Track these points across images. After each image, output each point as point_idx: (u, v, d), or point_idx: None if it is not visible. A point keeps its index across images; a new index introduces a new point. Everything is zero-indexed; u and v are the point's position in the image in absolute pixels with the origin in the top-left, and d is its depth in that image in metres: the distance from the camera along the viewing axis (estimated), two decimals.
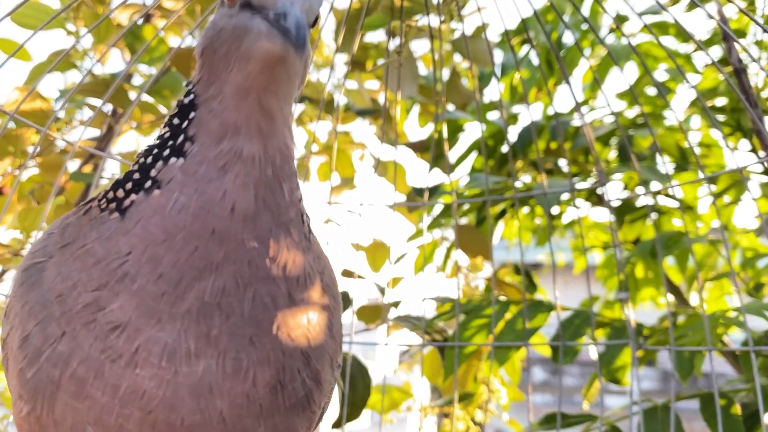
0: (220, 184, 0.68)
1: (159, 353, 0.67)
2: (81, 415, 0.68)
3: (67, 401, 0.68)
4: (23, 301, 0.73)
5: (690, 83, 1.51)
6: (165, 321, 0.67)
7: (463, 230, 1.92)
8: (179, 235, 0.67)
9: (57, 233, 0.75)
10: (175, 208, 0.68)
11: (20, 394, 0.71)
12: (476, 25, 1.73)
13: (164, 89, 1.78)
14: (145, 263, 0.67)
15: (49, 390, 0.69)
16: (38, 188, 1.78)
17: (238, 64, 0.68)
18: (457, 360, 1.60)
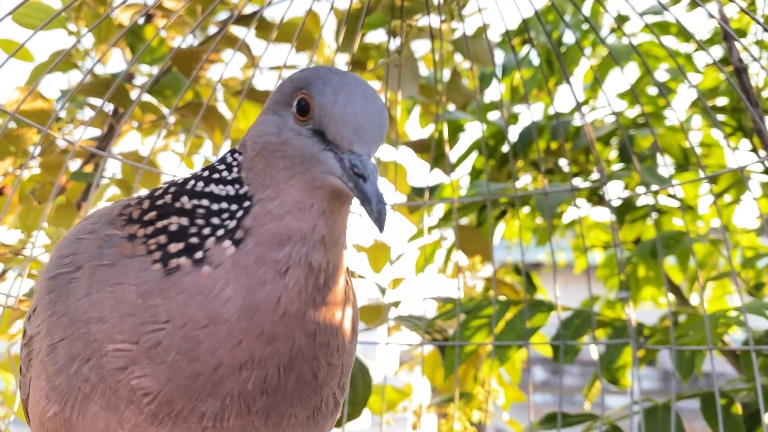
0: (274, 289, 0.69)
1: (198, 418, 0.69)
2: (113, 423, 0.71)
3: (98, 411, 0.71)
4: (50, 311, 0.74)
5: (691, 83, 1.51)
6: (204, 397, 0.69)
7: (464, 231, 1.92)
8: (223, 327, 0.68)
9: (92, 243, 0.74)
10: (221, 297, 0.68)
11: (47, 395, 0.73)
12: (477, 25, 1.73)
13: (165, 89, 1.78)
14: (181, 340, 0.68)
15: (80, 398, 0.71)
16: (39, 188, 1.78)
17: (302, 183, 0.70)
18: (458, 359, 1.60)
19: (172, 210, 0.74)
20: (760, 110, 1.64)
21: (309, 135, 0.70)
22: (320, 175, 0.69)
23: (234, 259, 0.69)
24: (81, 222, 0.80)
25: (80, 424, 0.72)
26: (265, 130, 0.74)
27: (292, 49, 1.64)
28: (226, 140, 1.71)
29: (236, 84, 1.98)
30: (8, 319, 1.47)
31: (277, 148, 0.72)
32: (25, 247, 1.63)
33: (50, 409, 0.73)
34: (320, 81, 0.71)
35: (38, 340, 0.75)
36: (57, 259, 0.76)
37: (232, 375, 0.68)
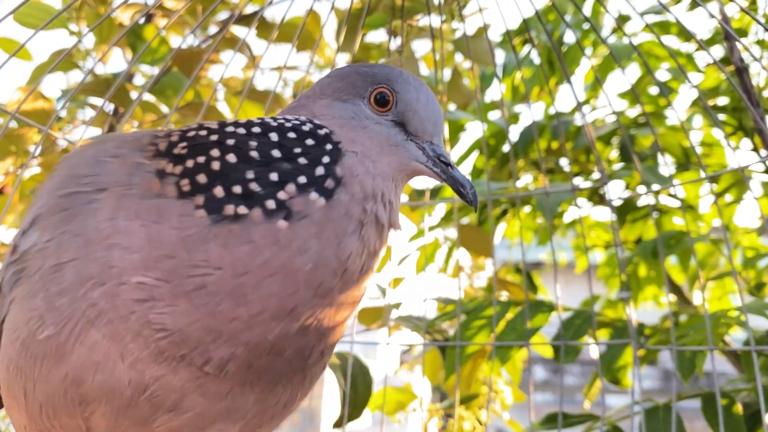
0: (349, 244, 0.69)
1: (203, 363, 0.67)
2: (114, 354, 0.67)
3: (99, 338, 0.67)
4: (62, 229, 0.70)
5: (692, 82, 1.51)
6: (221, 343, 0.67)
7: (466, 230, 1.91)
8: (290, 277, 0.66)
9: (119, 168, 0.71)
10: (299, 250, 0.66)
11: (42, 316, 0.69)
12: (478, 25, 1.73)
13: (166, 89, 1.78)
14: (232, 287, 0.65)
15: (81, 323, 0.67)
16: (39, 187, 1.78)
17: (389, 162, 0.76)
18: (459, 360, 1.59)
19: (208, 144, 0.71)
20: (761, 110, 1.64)
21: (390, 125, 0.78)
22: (406, 161, 0.77)
23: (324, 212, 0.68)
24: (96, 144, 0.76)
25: (75, 351, 0.68)
26: (339, 113, 0.78)
27: (293, 49, 1.64)
28: None
29: (237, 84, 1.98)
30: None
31: (360, 129, 0.77)
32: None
33: (43, 331, 0.68)
34: (401, 79, 0.80)
35: (39, 257, 0.70)
36: (71, 178, 0.72)
37: (263, 323, 0.66)
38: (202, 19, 1.62)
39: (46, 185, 0.76)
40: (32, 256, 0.72)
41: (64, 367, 0.69)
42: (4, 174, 1.71)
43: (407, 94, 0.79)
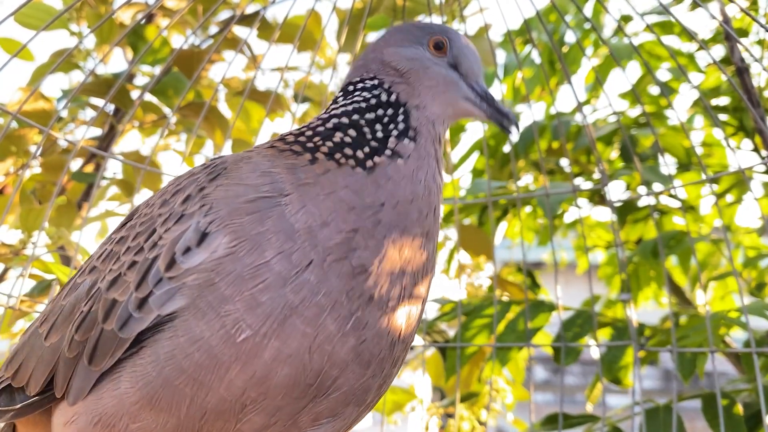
0: (434, 172, 0.90)
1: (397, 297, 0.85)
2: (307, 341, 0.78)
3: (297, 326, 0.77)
4: (257, 230, 0.79)
5: (692, 83, 1.51)
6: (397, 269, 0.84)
7: (466, 230, 1.92)
8: (417, 202, 0.87)
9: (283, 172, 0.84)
10: (416, 178, 0.88)
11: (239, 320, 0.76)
12: (478, 25, 1.73)
13: (167, 89, 1.78)
14: (394, 215, 0.84)
15: (282, 314, 0.77)
16: (40, 188, 1.78)
17: (443, 101, 0.94)
18: (459, 361, 1.60)
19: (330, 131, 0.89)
20: (762, 110, 1.64)
21: (446, 66, 0.95)
22: (458, 97, 0.95)
23: (416, 152, 0.89)
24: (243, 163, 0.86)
25: (269, 348, 0.76)
26: (407, 55, 0.95)
27: (294, 49, 1.64)
28: (227, 140, 1.71)
29: (238, 84, 1.98)
30: (9, 319, 1.47)
31: (422, 71, 0.94)
32: (26, 247, 1.63)
33: (241, 334, 0.75)
34: (452, 31, 0.98)
35: (228, 262, 0.77)
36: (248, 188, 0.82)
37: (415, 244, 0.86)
38: (204, 20, 1.62)
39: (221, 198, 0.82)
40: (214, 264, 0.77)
41: (253, 367, 0.76)
42: (4, 174, 1.71)
43: (459, 41, 0.96)
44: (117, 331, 0.79)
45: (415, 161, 0.89)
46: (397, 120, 0.91)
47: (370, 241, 0.82)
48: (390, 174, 0.86)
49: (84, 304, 0.85)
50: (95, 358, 0.81)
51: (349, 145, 0.88)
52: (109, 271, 0.84)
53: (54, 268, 1.50)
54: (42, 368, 0.87)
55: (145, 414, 0.78)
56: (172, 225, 0.81)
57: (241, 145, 1.93)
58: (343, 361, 0.80)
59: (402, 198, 0.86)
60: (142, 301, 0.79)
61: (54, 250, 1.62)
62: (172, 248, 0.79)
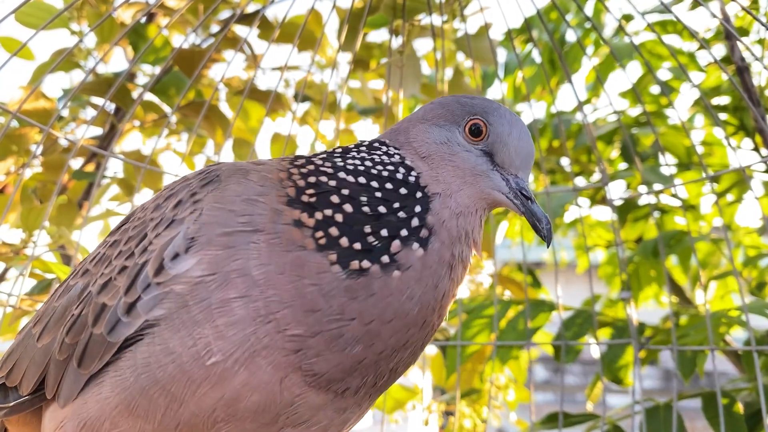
0: (443, 285, 0.79)
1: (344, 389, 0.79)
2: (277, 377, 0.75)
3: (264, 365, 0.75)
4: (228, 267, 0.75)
5: (693, 82, 1.51)
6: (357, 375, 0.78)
7: None
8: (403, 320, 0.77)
9: (265, 211, 0.78)
10: (408, 297, 0.76)
11: (211, 344, 0.74)
12: (479, 24, 1.73)
13: (168, 88, 1.78)
14: (363, 334, 0.76)
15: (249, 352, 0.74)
16: (40, 187, 1.79)
17: (471, 192, 0.83)
18: (459, 359, 1.60)
19: (329, 192, 0.80)
20: (762, 109, 1.64)
21: (479, 154, 0.84)
22: (488, 190, 0.83)
23: (423, 261, 0.77)
24: (240, 176, 0.82)
25: (238, 375, 0.74)
26: (434, 138, 0.85)
27: (294, 48, 1.64)
28: (227, 139, 1.71)
29: (238, 83, 1.98)
30: (9, 319, 1.47)
31: (447, 157, 0.84)
32: (26, 246, 1.64)
33: (210, 357, 0.74)
34: (497, 113, 0.85)
35: (202, 289, 0.75)
36: (229, 214, 0.78)
37: (386, 358, 0.78)
38: (204, 18, 1.62)
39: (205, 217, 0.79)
40: (190, 286, 0.76)
41: (222, 389, 0.75)
42: (5, 173, 1.71)
43: (500, 127, 0.85)
44: (106, 335, 0.79)
45: (417, 274, 0.77)
46: (413, 211, 0.79)
47: (325, 349, 0.75)
48: (375, 290, 0.75)
49: (75, 307, 0.85)
50: (84, 362, 0.81)
51: (340, 226, 0.77)
52: (101, 275, 0.84)
53: (54, 268, 1.50)
54: (34, 369, 0.87)
55: (123, 420, 0.78)
56: (162, 230, 0.80)
57: (241, 144, 1.93)
58: (316, 405, 0.78)
59: (380, 318, 0.76)
60: (130, 306, 0.78)
61: (54, 249, 1.62)
62: (161, 254, 0.78)
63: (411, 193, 0.81)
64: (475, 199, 0.83)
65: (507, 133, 0.85)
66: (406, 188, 0.81)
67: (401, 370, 0.84)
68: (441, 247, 0.79)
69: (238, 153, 1.92)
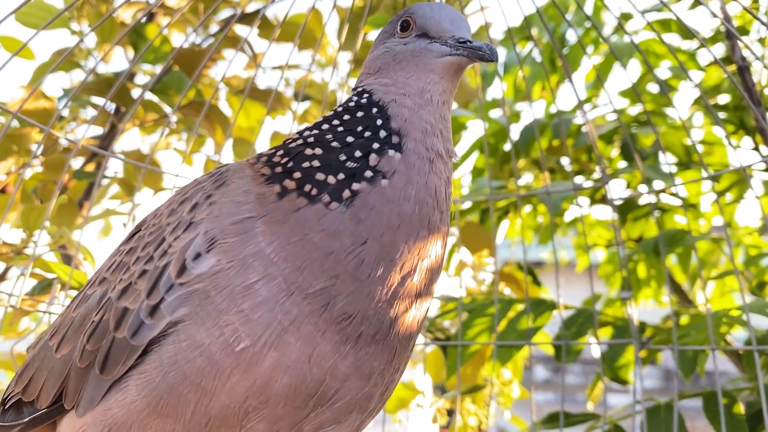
0: (431, 179, 0.81)
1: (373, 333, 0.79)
2: (305, 354, 0.76)
3: (292, 342, 0.76)
4: (242, 253, 0.78)
5: (693, 81, 1.51)
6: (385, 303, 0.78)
7: (467, 227, 1.91)
8: (408, 224, 0.79)
9: (256, 200, 0.80)
10: (405, 197, 0.79)
11: (237, 330, 0.75)
12: (479, 23, 1.73)
13: (168, 88, 1.78)
14: (383, 248, 0.77)
15: (277, 331, 0.75)
16: (41, 187, 1.78)
17: (419, 73, 0.86)
18: (460, 359, 1.60)
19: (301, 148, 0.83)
20: (763, 109, 1.64)
21: (414, 40, 0.88)
22: (433, 60, 0.86)
23: (405, 162, 0.80)
24: (234, 174, 0.85)
25: (268, 358, 0.75)
26: (377, 55, 0.90)
27: (295, 47, 1.64)
28: (228, 139, 1.71)
29: (239, 83, 1.98)
30: (10, 318, 1.47)
31: (390, 60, 0.88)
32: (27, 245, 1.63)
33: (239, 343, 0.75)
34: (418, 5, 0.90)
35: (223, 278, 0.77)
36: (235, 205, 0.81)
37: (408, 258, 0.79)
38: (204, 18, 1.62)
39: (212, 210, 0.82)
40: (211, 277, 0.77)
41: (253, 375, 0.76)
42: (6, 173, 1.71)
43: (421, 10, 0.89)
44: (129, 338, 0.80)
45: (404, 174, 0.80)
46: (376, 126, 0.83)
47: (352, 285, 0.77)
48: (372, 203, 0.78)
49: (95, 314, 0.85)
50: (107, 367, 0.81)
51: (320, 170, 0.80)
52: (119, 281, 0.85)
53: (55, 267, 1.50)
54: (53, 380, 0.87)
55: (152, 421, 0.78)
56: (181, 233, 0.81)
57: (241, 143, 1.93)
58: (343, 374, 0.79)
59: (389, 226, 0.78)
60: (153, 308, 0.79)
61: (55, 249, 1.62)
62: (183, 255, 0.79)
63: (367, 111, 0.84)
64: (425, 81, 0.86)
65: (428, 10, 0.89)
66: (361, 110, 0.85)
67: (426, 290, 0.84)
68: (416, 145, 0.82)
69: (238, 152, 1.93)
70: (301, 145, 0.83)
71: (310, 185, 0.79)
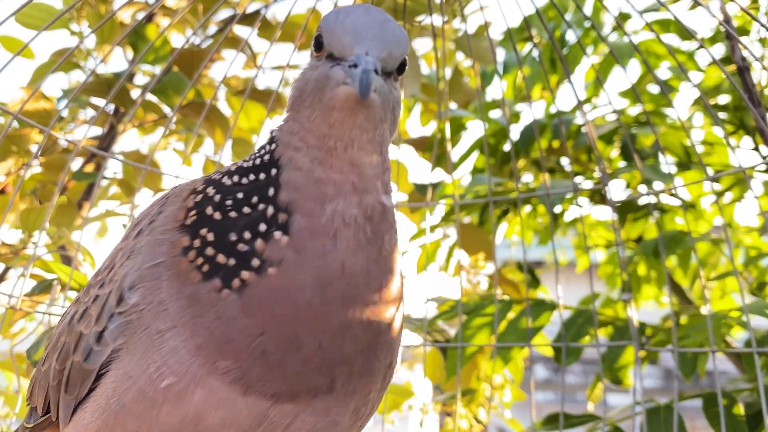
0: (336, 256, 0.69)
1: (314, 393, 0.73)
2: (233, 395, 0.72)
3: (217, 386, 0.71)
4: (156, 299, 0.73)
5: (693, 81, 1.51)
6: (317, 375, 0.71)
7: (466, 229, 1.91)
8: (308, 312, 0.69)
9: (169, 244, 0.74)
10: (296, 288, 0.69)
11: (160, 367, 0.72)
12: (479, 23, 1.73)
13: (168, 88, 1.78)
14: (282, 340, 0.69)
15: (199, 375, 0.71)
16: (40, 187, 1.79)
17: (321, 112, 0.69)
18: (460, 361, 1.60)
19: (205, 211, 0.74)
20: (762, 109, 1.64)
21: (323, 63, 0.70)
22: (331, 92, 0.68)
23: (294, 247, 0.69)
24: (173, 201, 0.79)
25: (196, 394, 0.72)
26: (293, 84, 0.75)
27: (295, 48, 1.64)
28: (227, 140, 1.71)
29: (238, 83, 1.98)
30: (10, 319, 1.47)
31: (299, 93, 0.72)
32: (26, 246, 1.64)
33: (164, 380, 0.72)
34: (327, 16, 0.72)
35: (146, 317, 0.74)
36: (154, 245, 0.76)
37: (332, 346, 0.70)
38: (204, 19, 1.62)
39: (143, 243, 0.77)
40: (138, 314, 0.75)
41: (184, 408, 0.72)
42: (5, 174, 1.71)
43: (326, 23, 0.71)
44: (82, 362, 0.79)
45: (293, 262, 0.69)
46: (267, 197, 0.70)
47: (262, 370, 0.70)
48: (261, 296, 0.69)
49: (64, 334, 0.85)
50: (69, 388, 0.81)
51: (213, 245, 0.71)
52: (82, 303, 0.84)
53: (55, 268, 1.50)
54: (41, 392, 0.89)
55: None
56: (125, 260, 0.79)
57: (241, 144, 1.93)
58: (290, 412, 0.74)
59: (284, 319, 0.69)
60: (99, 334, 0.78)
61: (55, 249, 1.62)
62: (122, 284, 0.77)
63: (267, 173, 0.72)
64: (328, 123, 0.69)
65: (332, 21, 0.70)
66: (263, 171, 0.72)
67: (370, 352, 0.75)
68: (308, 221, 0.69)
69: (237, 153, 1.93)
70: (205, 200, 0.74)
71: (203, 259, 0.71)
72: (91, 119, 1.72)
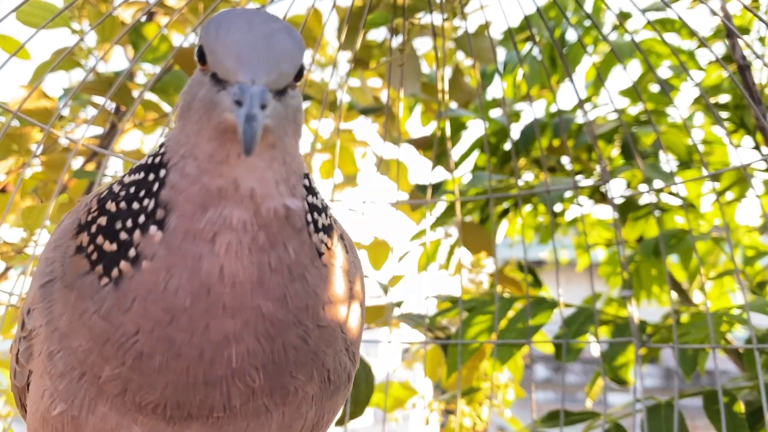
0: (214, 260, 0.64)
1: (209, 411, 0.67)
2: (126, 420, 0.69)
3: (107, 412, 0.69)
4: (45, 320, 0.71)
5: (693, 80, 1.51)
6: (204, 388, 0.66)
7: (467, 228, 1.91)
8: (184, 317, 0.64)
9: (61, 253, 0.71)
10: (169, 289, 0.64)
11: (52, 394, 0.71)
12: (479, 22, 1.73)
13: (168, 87, 1.79)
14: (157, 342, 0.64)
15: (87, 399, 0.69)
16: (41, 186, 1.79)
17: (210, 132, 0.64)
18: (460, 358, 1.59)
19: (105, 205, 0.69)
20: (763, 108, 1.64)
21: (209, 82, 0.64)
22: (220, 118, 0.62)
23: (166, 245, 0.64)
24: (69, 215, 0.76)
25: (89, 422, 0.69)
26: (183, 90, 0.68)
27: None
28: None
29: None
30: (11, 318, 1.47)
31: (186, 106, 0.66)
32: (27, 245, 1.64)
33: (56, 407, 0.70)
34: (209, 23, 0.64)
35: (38, 342, 0.72)
36: (44, 264, 0.73)
37: (217, 357, 0.65)
38: (204, 17, 1.62)
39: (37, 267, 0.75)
40: (33, 338, 0.74)
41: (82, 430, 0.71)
42: (6, 173, 1.71)
43: (206, 39, 0.64)
44: (14, 380, 0.81)
45: (164, 260, 0.64)
46: (151, 192, 0.66)
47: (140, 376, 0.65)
48: (134, 291, 0.64)
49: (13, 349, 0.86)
50: (19, 402, 0.84)
51: (102, 231, 0.67)
52: None
53: None
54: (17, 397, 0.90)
55: None
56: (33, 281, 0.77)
57: None
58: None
59: (157, 321, 0.64)
60: (17, 354, 0.78)
61: None
62: (23, 308, 0.76)
63: (156, 173, 0.67)
64: (218, 142, 0.63)
65: (213, 39, 0.63)
66: (152, 171, 0.67)
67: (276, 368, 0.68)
68: (182, 221, 0.64)
69: None
70: (108, 195, 0.70)
71: (93, 247, 0.67)
72: (91, 118, 1.72)
